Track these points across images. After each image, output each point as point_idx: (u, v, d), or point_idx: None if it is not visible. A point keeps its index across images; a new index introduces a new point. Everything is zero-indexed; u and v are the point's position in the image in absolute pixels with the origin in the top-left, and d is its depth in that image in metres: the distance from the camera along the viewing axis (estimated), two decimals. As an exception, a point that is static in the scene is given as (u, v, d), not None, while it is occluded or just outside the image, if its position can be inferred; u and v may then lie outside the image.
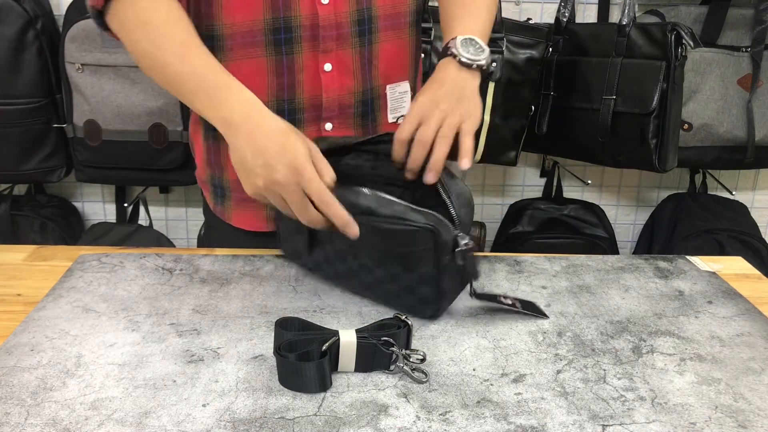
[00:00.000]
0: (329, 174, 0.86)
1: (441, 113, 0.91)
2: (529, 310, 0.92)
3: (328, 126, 1.07)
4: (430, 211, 0.84)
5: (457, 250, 0.85)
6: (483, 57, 0.97)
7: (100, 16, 0.96)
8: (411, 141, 0.91)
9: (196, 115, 1.11)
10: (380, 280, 0.91)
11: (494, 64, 1.79)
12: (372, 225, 0.86)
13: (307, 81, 1.04)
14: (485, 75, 0.99)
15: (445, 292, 0.89)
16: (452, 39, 0.98)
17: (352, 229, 0.85)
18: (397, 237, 0.85)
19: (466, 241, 0.85)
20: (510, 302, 0.92)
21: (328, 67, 1.03)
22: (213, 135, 1.10)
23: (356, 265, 0.92)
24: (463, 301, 0.97)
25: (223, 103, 0.88)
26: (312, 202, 0.85)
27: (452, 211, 0.88)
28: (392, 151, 0.92)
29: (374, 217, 0.85)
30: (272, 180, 0.84)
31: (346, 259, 0.93)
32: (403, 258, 0.87)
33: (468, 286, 0.91)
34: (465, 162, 0.91)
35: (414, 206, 0.84)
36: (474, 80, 0.97)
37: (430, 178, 0.89)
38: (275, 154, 0.84)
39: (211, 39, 1.02)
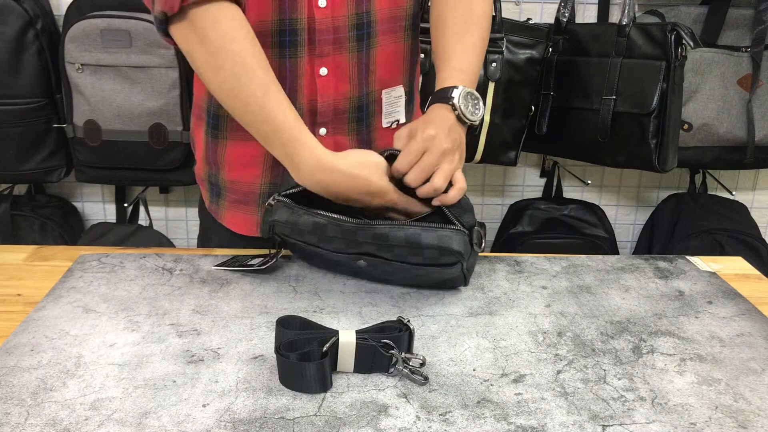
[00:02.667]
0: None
1: (441, 156, 0.93)
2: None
3: (322, 131, 1.06)
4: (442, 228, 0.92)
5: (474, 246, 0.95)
6: (478, 116, 0.99)
7: (165, 23, 0.92)
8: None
9: (199, 111, 1.11)
10: (400, 279, 0.98)
11: (494, 64, 1.79)
12: (401, 263, 0.93)
13: (306, 86, 1.03)
14: (473, 130, 1.02)
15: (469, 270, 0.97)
16: (454, 87, 0.98)
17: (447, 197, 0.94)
18: (429, 275, 0.95)
19: (477, 242, 0.95)
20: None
21: (323, 71, 1.02)
22: (212, 132, 1.09)
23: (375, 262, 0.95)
24: (463, 301, 0.97)
25: (296, 155, 0.92)
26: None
27: (458, 224, 0.94)
28: (393, 168, 0.95)
29: (391, 246, 0.92)
30: (372, 206, 0.94)
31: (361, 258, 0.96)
32: (429, 272, 0.95)
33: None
34: (452, 194, 0.94)
35: (425, 225, 0.92)
36: (464, 136, 0.99)
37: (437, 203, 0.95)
38: (368, 193, 0.93)
39: None
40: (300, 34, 1.00)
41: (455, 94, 0.97)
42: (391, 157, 0.95)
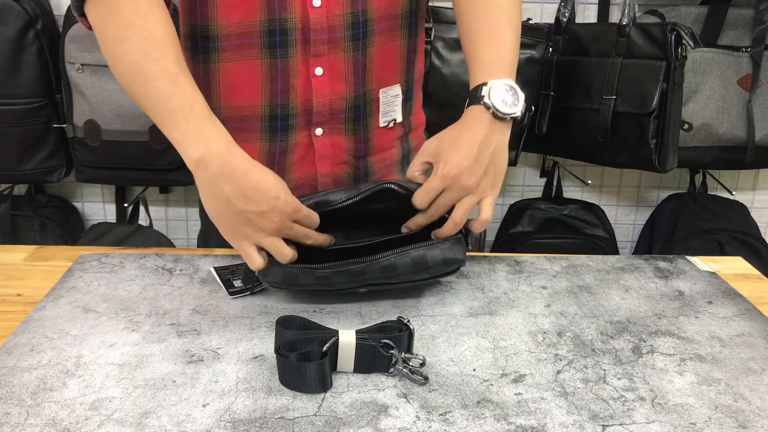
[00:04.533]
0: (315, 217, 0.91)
1: (462, 191, 0.89)
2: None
3: (319, 131, 1.05)
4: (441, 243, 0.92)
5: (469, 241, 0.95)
6: (518, 108, 0.91)
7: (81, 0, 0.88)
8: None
9: None
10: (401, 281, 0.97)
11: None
12: (383, 277, 0.91)
13: (299, 85, 1.02)
14: (518, 121, 0.93)
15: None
16: (484, 84, 0.91)
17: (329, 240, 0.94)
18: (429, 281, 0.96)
19: (472, 241, 0.95)
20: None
21: (319, 71, 1.01)
22: None
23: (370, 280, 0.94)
24: (463, 301, 0.97)
25: (204, 140, 0.85)
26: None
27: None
28: (409, 221, 0.94)
29: (398, 274, 0.91)
30: (271, 224, 0.86)
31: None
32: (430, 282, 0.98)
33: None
34: (476, 226, 0.93)
35: (428, 244, 0.91)
36: (505, 134, 0.92)
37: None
38: (271, 200, 0.85)
39: (206, 39, 1.00)
40: (291, 34, 0.98)
41: (485, 91, 0.90)
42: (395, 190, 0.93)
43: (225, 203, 0.85)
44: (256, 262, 0.88)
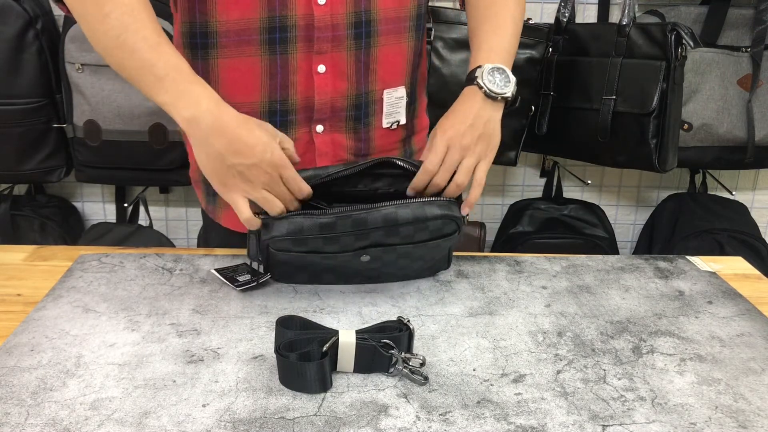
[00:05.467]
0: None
1: (462, 149, 0.96)
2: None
3: (319, 128, 1.06)
4: (439, 200, 0.94)
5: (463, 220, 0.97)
6: (509, 89, 0.98)
7: None
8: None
9: None
10: (397, 268, 0.98)
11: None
12: (386, 232, 0.92)
13: (300, 82, 1.02)
14: (510, 104, 1.00)
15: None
16: (479, 67, 0.99)
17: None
18: (428, 254, 0.97)
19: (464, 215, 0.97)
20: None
21: (321, 68, 1.02)
22: None
23: (365, 265, 0.96)
24: (463, 300, 0.97)
25: (193, 100, 0.88)
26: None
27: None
28: (416, 179, 0.96)
29: (399, 228, 0.92)
30: (260, 174, 0.89)
31: (354, 259, 0.95)
32: (415, 251, 0.96)
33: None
34: (465, 210, 0.97)
35: (426, 200, 0.93)
36: (497, 112, 0.99)
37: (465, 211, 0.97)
38: (260, 152, 0.88)
39: (205, 36, 1.00)
40: (291, 31, 0.99)
41: (479, 73, 0.98)
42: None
43: (216, 157, 0.88)
44: (245, 213, 0.91)
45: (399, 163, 0.96)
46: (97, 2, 0.89)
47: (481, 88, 0.98)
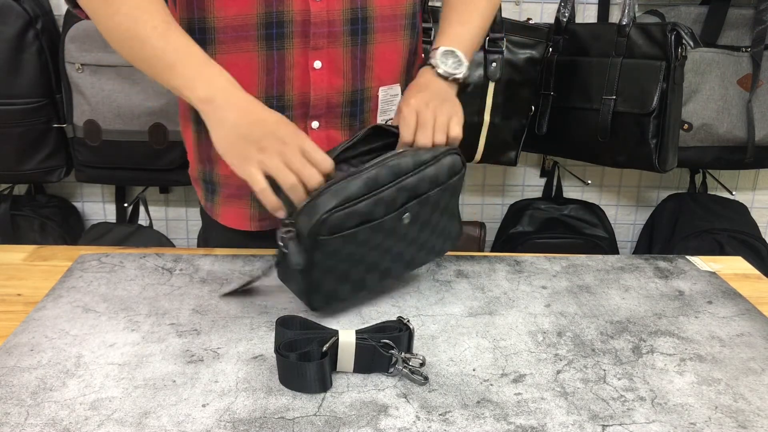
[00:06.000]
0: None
1: (431, 111, 0.97)
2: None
3: (315, 124, 1.06)
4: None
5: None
6: (460, 71, 1.03)
7: None
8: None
9: (185, 111, 1.11)
10: (413, 244, 0.95)
11: (494, 64, 1.79)
12: (418, 177, 0.90)
13: (297, 78, 1.03)
14: (463, 86, 1.05)
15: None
16: (435, 49, 1.04)
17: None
18: (445, 169, 0.93)
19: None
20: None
21: (317, 64, 1.03)
22: (204, 129, 1.08)
23: (388, 259, 0.94)
24: (463, 300, 0.97)
25: (208, 81, 0.90)
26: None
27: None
28: (400, 142, 0.96)
29: (417, 170, 0.90)
30: (278, 143, 0.87)
31: (380, 259, 0.93)
32: (442, 196, 0.94)
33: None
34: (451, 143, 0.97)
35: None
36: (452, 89, 1.03)
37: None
38: (276, 122, 0.89)
39: (203, 31, 1.01)
40: (288, 26, 1.00)
41: (433, 54, 1.03)
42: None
43: (231, 129, 0.89)
44: (260, 182, 0.87)
45: (385, 127, 0.97)
46: (105, 1, 0.92)
47: (433, 67, 1.02)
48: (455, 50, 1.03)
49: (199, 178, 1.15)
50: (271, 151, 0.87)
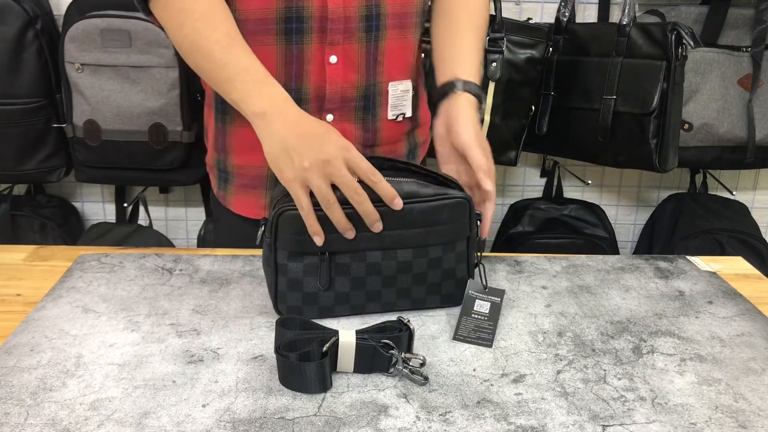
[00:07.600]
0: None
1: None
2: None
3: (329, 117, 1.09)
4: (456, 184, 0.93)
5: (478, 218, 0.96)
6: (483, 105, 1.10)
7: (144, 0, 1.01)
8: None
9: (210, 99, 1.14)
10: (414, 278, 0.91)
11: (494, 64, 1.79)
12: (418, 207, 0.88)
13: (313, 71, 1.06)
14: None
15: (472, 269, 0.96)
16: (469, 82, 1.05)
17: (398, 203, 0.87)
18: (445, 209, 0.89)
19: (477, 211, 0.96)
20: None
21: (333, 59, 1.05)
22: (222, 119, 1.12)
23: (380, 283, 0.90)
24: (463, 301, 0.97)
25: (263, 96, 0.93)
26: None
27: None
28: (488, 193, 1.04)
29: (419, 199, 0.89)
30: (321, 158, 0.86)
31: (366, 282, 0.90)
32: (444, 234, 0.91)
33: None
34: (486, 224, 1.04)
35: (444, 181, 0.92)
36: None
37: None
38: (321, 135, 0.89)
39: None
40: (307, 21, 1.03)
41: (469, 87, 1.05)
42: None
43: (279, 140, 0.90)
44: (304, 204, 0.86)
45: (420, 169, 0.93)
46: (172, 12, 0.98)
47: (480, 104, 1.06)
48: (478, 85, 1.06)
49: (214, 166, 1.18)
50: (313, 170, 0.86)
